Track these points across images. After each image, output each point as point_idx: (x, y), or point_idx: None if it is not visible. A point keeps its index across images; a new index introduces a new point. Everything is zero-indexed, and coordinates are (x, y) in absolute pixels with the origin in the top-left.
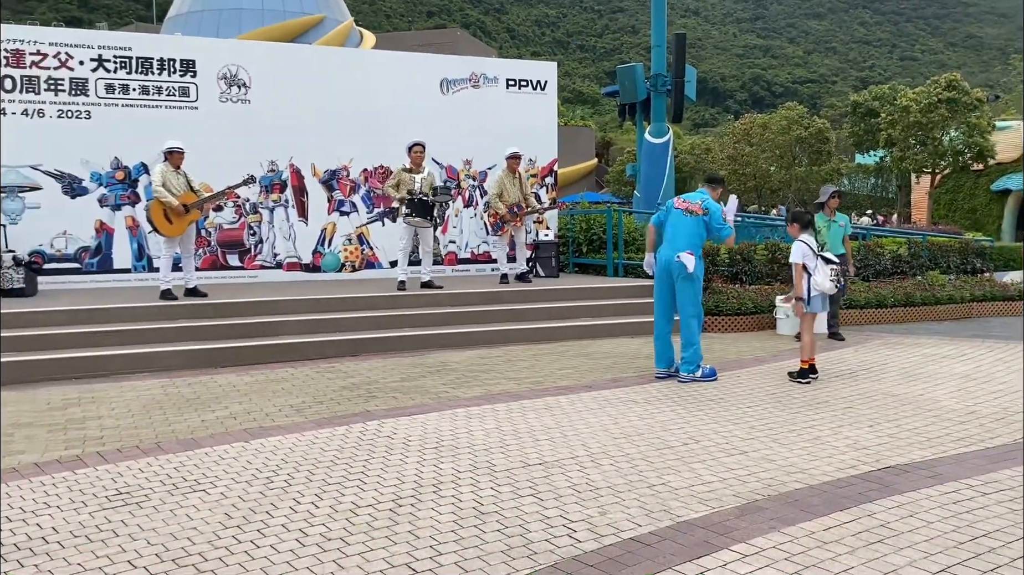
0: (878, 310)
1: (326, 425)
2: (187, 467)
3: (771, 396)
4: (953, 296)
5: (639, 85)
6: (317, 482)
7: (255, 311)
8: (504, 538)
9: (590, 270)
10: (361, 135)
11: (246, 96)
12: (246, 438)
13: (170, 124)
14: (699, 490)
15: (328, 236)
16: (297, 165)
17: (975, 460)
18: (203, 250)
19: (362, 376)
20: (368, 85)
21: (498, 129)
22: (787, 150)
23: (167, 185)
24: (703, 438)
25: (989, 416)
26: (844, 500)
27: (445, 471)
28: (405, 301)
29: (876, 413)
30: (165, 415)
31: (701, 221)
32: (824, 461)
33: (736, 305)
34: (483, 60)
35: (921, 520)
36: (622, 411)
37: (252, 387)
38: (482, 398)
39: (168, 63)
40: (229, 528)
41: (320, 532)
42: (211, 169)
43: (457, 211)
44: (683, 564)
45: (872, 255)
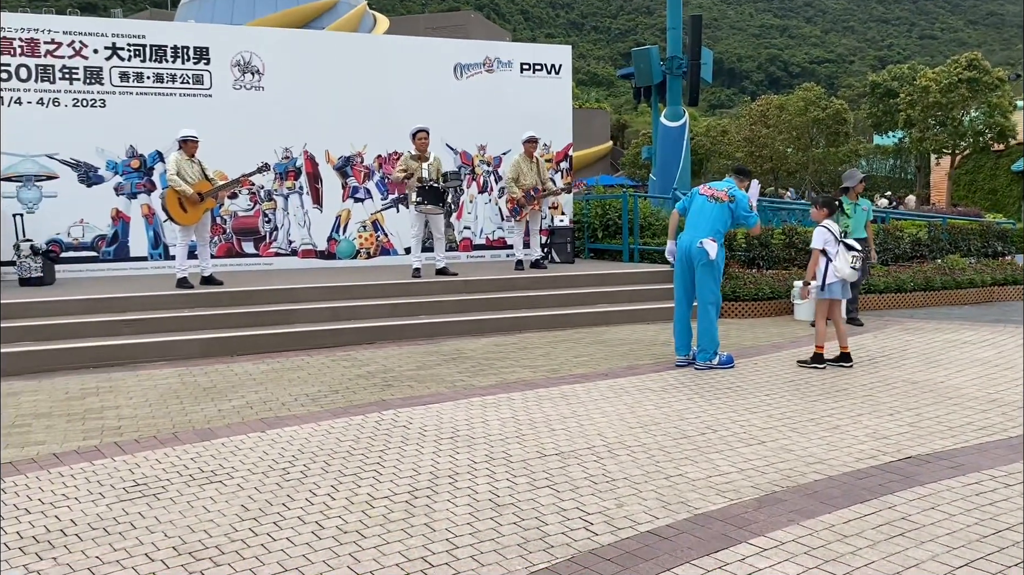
0: (898, 295)
1: (342, 415)
2: (204, 458)
3: (789, 384)
4: (974, 280)
5: (654, 68)
6: (333, 473)
7: (271, 299)
8: (520, 531)
9: (605, 255)
10: (375, 121)
11: (260, 83)
12: (263, 428)
13: (184, 112)
14: (717, 481)
15: (343, 223)
16: (311, 152)
17: (998, 450)
18: (218, 238)
19: (378, 364)
20: (382, 71)
21: (512, 114)
22: (804, 131)
23: (181, 174)
24: (720, 427)
25: (1012, 404)
26: (864, 492)
27: (461, 462)
28: (420, 288)
29: (896, 401)
30: (182, 404)
31: (726, 208)
32: (843, 451)
33: (753, 290)
34: (497, 44)
35: (943, 513)
36: (639, 399)
37: (268, 376)
38: (497, 387)
39: (182, 51)
40: (246, 520)
41: (336, 524)
42: (226, 157)
43: (472, 197)
44: (701, 558)
45: (891, 239)
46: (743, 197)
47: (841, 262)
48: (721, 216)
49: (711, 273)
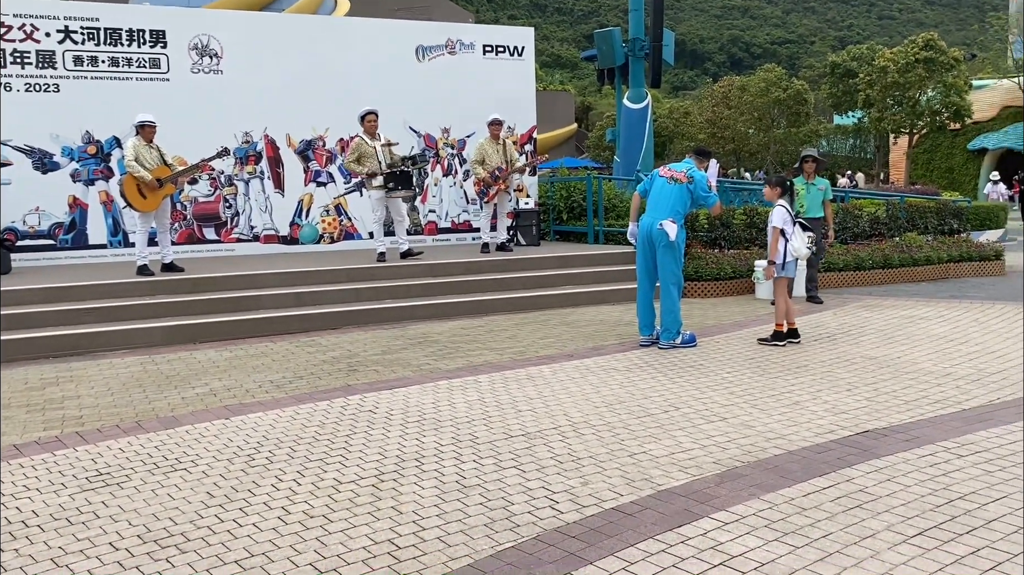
0: (857, 272)
1: (307, 400)
2: (168, 446)
3: (751, 361)
4: (930, 257)
5: (617, 50)
6: (299, 459)
7: (233, 285)
8: (487, 511)
9: (571, 238)
10: (336, 104)
11: (218, 67)
12: (227, 415)
13: (141, 96)
14: (680, 458)
15: (305, 207)
16: (272, 136)
17: (951, 422)
18: (179, 224)
19: (343, 350)
20: (343, 53)
21: (476, 96)
22: (765, 112)
23: (140, 159)
24: (683, 405)
25: (965, 378)
26: (823, 465)
27: (427, 445)
28: (385, 272)
29: (855, 377)
30: (145, 393)
31: (685, 189)
32: (803, 426)
33: (715, 270)
34: (459, 26)
35: (899, 484)
36: (604, 379)
37: (232, 362)
38: (464, 370)
39: (137, 34)
40: (211, 507)
41: (303, 509)
42: (185, 141)
43: (437, 180)
44: (664, 533)
45: (850, 218)
46: (702, 178)
47: (798, 241)
48: (681, 197)
49: (672, 254)
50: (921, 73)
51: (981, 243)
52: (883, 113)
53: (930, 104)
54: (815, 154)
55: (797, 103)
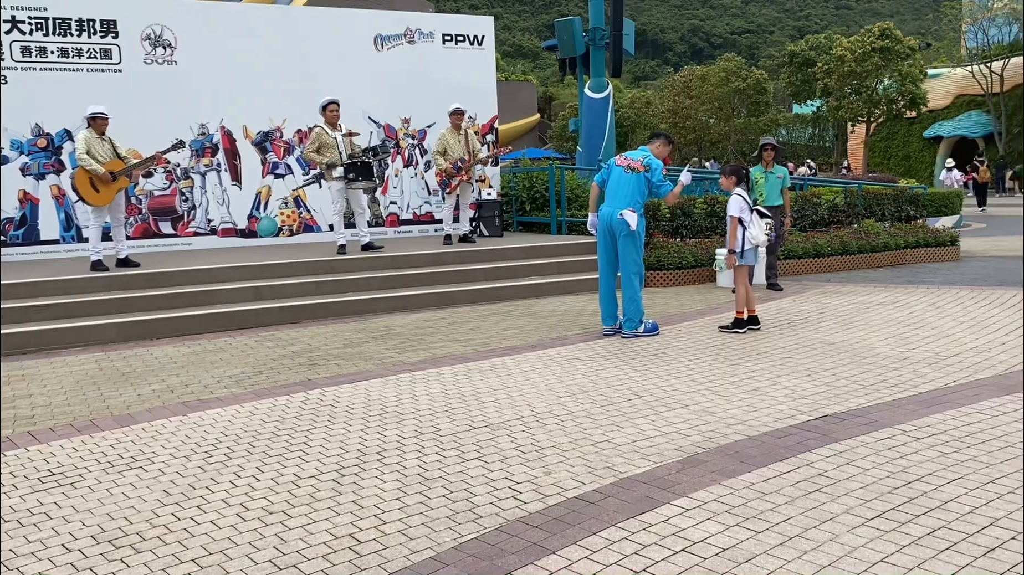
0: (816, 259)
1: (266, 395)
2: (123, 444)
3: (712, 349)
4: (888, 243)
5: (577, 39)
6: (258, 455)
7: (190, 280)
8: (449, 503)
9: (534, 228)
10: (294, 95)
11: (172, 57)
12: (184, 411)
13: (93, 88)
14: (642, 446)
15: (263, 200)
16: (228, 127)
17: (908, 405)
18: (134, 218)
19: (303, 344)
20: (299, 43)
21: (436, 86)
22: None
23: (91, 152)
24: (646, 393)
25: (922, 361)
26: (783, 450)
27: (389, 438)
28: (346, 265)
29: (814, 362)
30: (100, 391)
31: (642, 178)
32: (763, 412)
33: (677, 259)
34: (418, 15)
35: (858, 467)
36: (567, 369)
37: (189, 358)
38: (427, 362)
39: (88, 24)
40: (168, 505)
41: (262, 506)
42: (139, 134)
43: (397, 171)
44: (626, 521)
45: (809, 205)
46: (658, 166)
47: (756, 229)
48: (638, 186)
49: (633, 244)
50: (877, 62)
51: (937, 229)
52: (841, 102)
53: (886, 93)
54: (774, 142)
55: (757, 92)
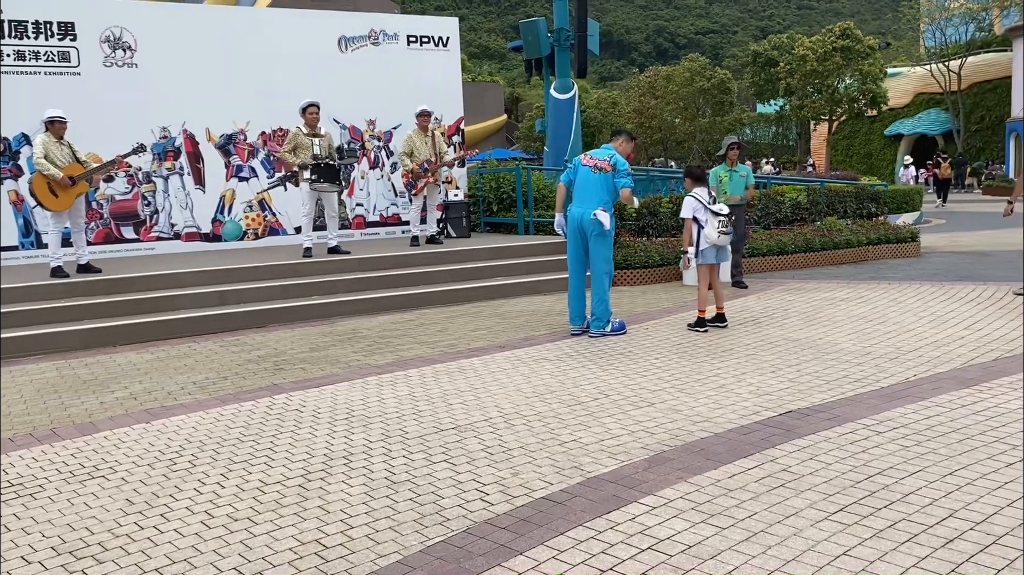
0: (780, 257)
1: (231, 401)
2: (85, 453)
3: (678, 347)
4: (850, 240)
5: (542, 40)
6: (223, 461)
7: (153, 285)
8: (416, 506)
9: (501, 229)
10: (257, 97)
11: (132, 60)
12: (147, 419)
13: (51, 91)
14: (609, 444)
15: (227, 203)
16: (191, 131)
17: (871, 400)
18: (95, 223)
19: (269, 348)
20: (263, 45)
21: (401, 87)
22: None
23: (50, 157)
24: (613, 392)
25: (883, 356)
26: (748, 446)
27: (356, 442)
28: (312, 268)
29: (778, 359)
30: (61, 399)
31: (610, 177)
32: (728, 409)
33: (644, 258)
34: (382, 17)
35: (821, 462)
36: (535, 369)
37: (153, 365)
38: (394, 364)
39: (44, 26)
40: (130, 514)
41: (227, 513)
42: (99, 138)
43: (364, 173)
44: (593, 520)
45: (773, 203)
46: (624, 165)
47: (710, 228)
48: (607, 186)
49: (605, 243)
50: (839, 61)
51: (898, 226)
52: (803, 101)
53: (848, 91)
54: (739, 140)
55: (721, 92)
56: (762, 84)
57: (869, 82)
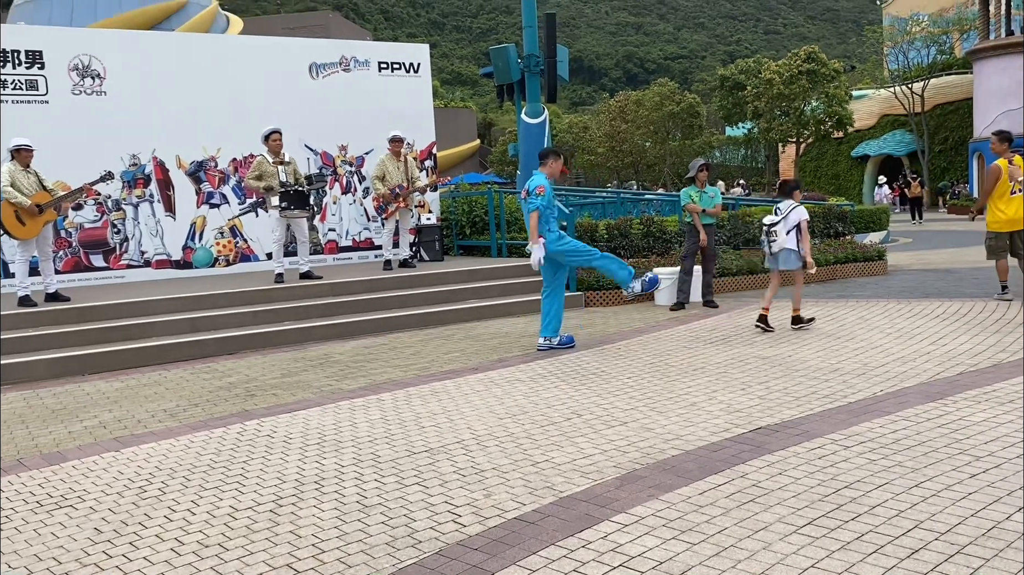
0: (750, 276)
1: (202, 428)
2: (52, 482)
3: (650, 366)
4: (818, 259)
5: (512, 66)
6: (193, 488)
7: (123, 313)
8: (388, 529)
9: (475, 252)
10: (228, 124)
11: (101, 87)
12: (117, 447)
13: (18, 120)
14: (581, 464)
15: (198, 230)
16: (160, 158)
17: (839, 415)
18: (64, 252)
19: (240, 375)
20: (233, 72)
21: (372, 113)
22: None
23: (16, 185)
24: (585, 412)
25: (851, 372)
26: (718, 463)
27: (328, 466)
28: (284, 294)
29: (748, 376)
30: (28, 429)
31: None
32: (699, 426)
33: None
34: (353, 43)
35: (790, 477)
36: (507, 391)
37: (123, 393)
38: (367, 389)
39: (12, 55)
40: (99, 543)
41: (197, 539)
42: (68, 166)
43: (336, 198)
44: (565, 539)
45: (742, 224)
46: (533, 187)
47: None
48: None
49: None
50: (805, 84)
51: (865, 245)
52: (771, 123)
53: (814, 114)
54: (707, 162)
55: (690, 116)
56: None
57: (835, 104)
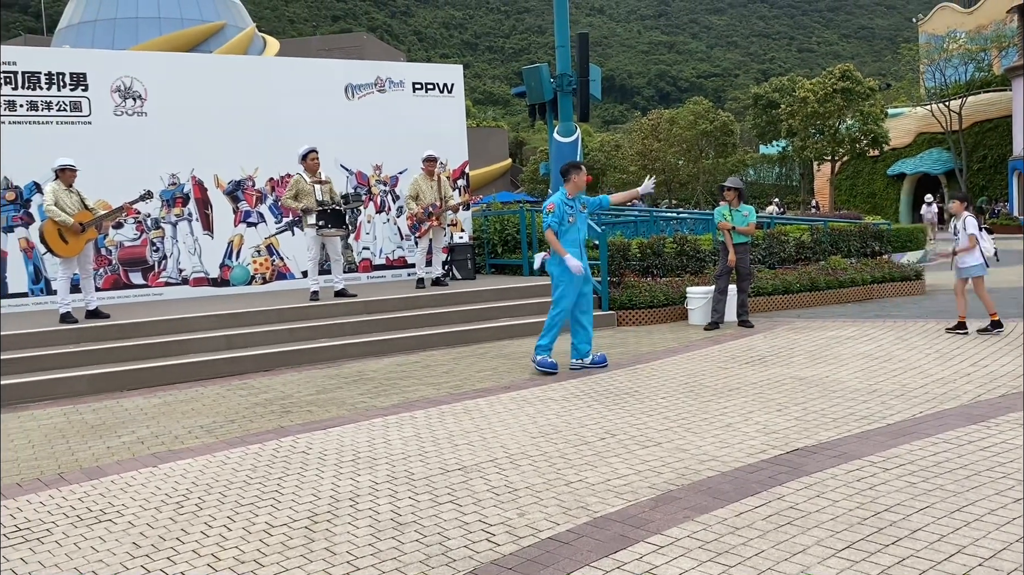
0: (785, 296)
1: (238, 444)
2: (92, 497)
3: (685, 386)
4: (855, 279)
5: (545, 85)
6: (229, 504)
7: (161, 330)
8: (423, 547)
9: (506, 270)
10: (265, 144)
11: (142, 108)
12: (155, 463)
13: (63, 140)
14: (615, 484)
15: (235, 248)
16: (199, 177)
17: (878, 437)
18: (104, 270)
19: (276, 391)
20: (270, 93)
21: (407, 133)
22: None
23: (59, 204)
24: (619, 432)
25: (890, 393)
26: (755, 485)
27: (362, 483)
28: (319, 311)
29: (784, 397)
30: (68, 444)
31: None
32: (735, 447)
33: (648, 298)
34: (388, 64)
35: (827, 499)
36: (540, 410)
37: (160, 409)
38: (400, 406)
39: (57, 77)
40: (137, 558)
41: (233, 555)
42: (109, 185)
43: (370, 217)
44: (600, 560)
45: (777, 243)
46: (546, 205)
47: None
48: None
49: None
50: (839, 102)
51: (902, 264)
52: (805, 142)
53: (849, 132)
54: (730, 184)
55: (724, 134)
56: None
57: (870, 123)
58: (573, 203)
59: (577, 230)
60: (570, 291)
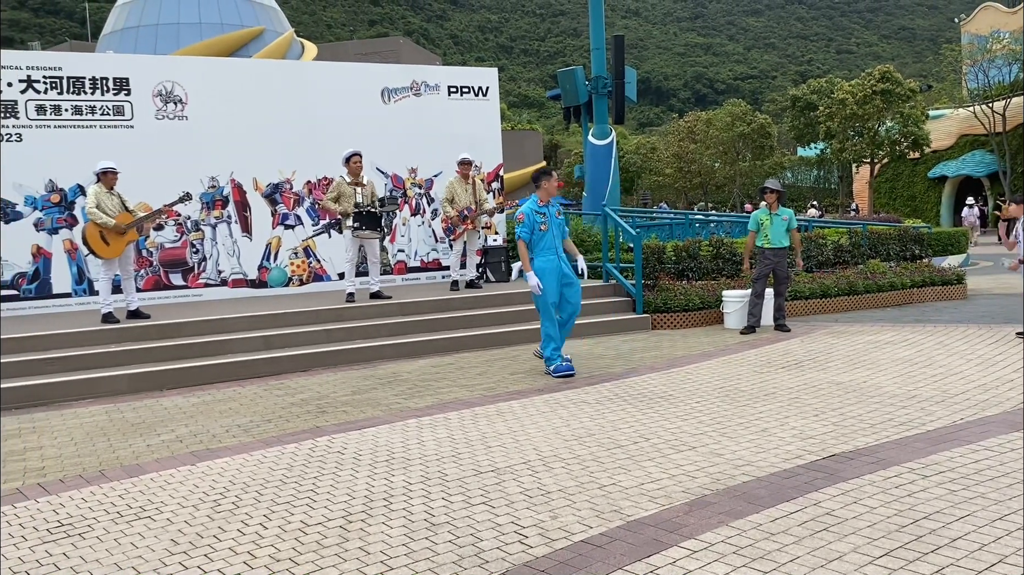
0: (823, 300)
1: (275, 443)
2: (132, 494)
3: (719, 390)
4: (894, 283)
5: (580, 88)
6: (266, 502)
7: (200, 330)
8: (456, 548)
9: None
10: (303, 147)
11: (183, 112)
12: (193, 461)
13: (106, 144)
14: (649, 488)
15: (273, 250)
16: (238, 180)
17: (916, 443)
18: (145, 271)
19: (312, 391)
20: (308, 96)
21: (442, 136)
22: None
23: (101, 206)
24: (653, 435)
25: (929, 399)
26: (790, 490)
27: (396, 484)
28: (354, 313)
29: (821, 402)
30: (109, 442)
31: None
32: (771, 452)
33: (683, 302)
34: (424, 68)
35: (864, 506)
36: (573, 413)
37: (199, 408)
38: (434, 407)
39: (101, 82)
40: (175, 554)
41: (269, 553)
42: (150, 188)
43: (405, 220)
44: (633, 563)
45: (815, 246)
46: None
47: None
48: None
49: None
50: (879, 104)
51: (943, 268)
52: (844, 144)
53: (889, 134)
54: (774, 186)
55: (761, 136)
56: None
57: (910, 125)
58: (545, 210)
59: (552, 236)
60: (549, 294)
